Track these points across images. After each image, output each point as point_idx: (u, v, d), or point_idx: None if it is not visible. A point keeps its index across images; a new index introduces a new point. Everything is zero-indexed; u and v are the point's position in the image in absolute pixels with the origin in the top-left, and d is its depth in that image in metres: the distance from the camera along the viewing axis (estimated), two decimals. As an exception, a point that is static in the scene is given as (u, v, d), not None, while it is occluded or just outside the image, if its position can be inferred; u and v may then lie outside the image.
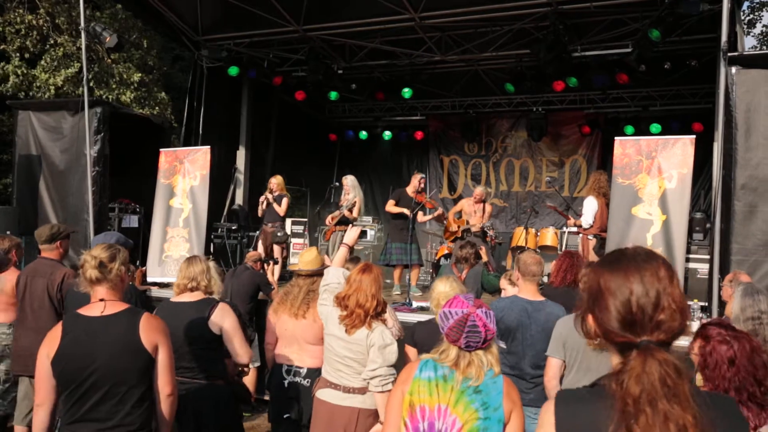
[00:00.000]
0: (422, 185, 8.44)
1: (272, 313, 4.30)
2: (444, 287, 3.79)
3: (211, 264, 4.00)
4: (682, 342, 2.58)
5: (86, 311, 2.72)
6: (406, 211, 8.08)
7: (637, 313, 1.33)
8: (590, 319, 1.44)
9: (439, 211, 8.69)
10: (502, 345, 4.01)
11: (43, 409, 2.69)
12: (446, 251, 9.21)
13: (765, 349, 3.24)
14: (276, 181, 8.80)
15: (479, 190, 9.10)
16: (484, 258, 6.40)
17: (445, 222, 9.43)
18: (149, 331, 2.68)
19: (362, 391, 3.38)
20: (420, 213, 8.20)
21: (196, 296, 3.83)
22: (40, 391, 2.69)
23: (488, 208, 8.87)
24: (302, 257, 4.58)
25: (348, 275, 3.56)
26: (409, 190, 8.43)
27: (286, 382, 4.02)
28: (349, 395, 3.41)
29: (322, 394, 3.52)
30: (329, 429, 3.44)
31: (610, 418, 1.29)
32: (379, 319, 3.40)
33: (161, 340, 2.71)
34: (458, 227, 8.86)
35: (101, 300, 2.73)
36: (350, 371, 3.42)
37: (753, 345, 2.44)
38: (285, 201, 8.75)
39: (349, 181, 8.70)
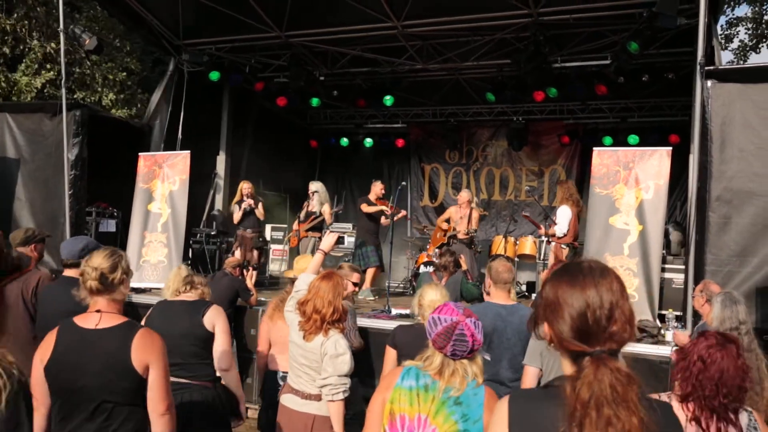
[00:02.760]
0: (383, 192, 8.91)
1: (267, 319, 4.33)
2: (435, 295, 3.82)
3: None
4: (663, 351, 2.62)
5: (81, 321, 2.61)
6: (384, 207, 8.55)
7: (592, 325, 1.41)
8: (546, 326, 1.51)
9: (402, 213, 8.93)
10: (487, 357, 4.02)
11: (39, 412, 2.59)
12: (426, 259, 9.23)
13: (746, 359, 3.29)
14: (250, 186, 8.85)
15: (463, 193, 9.18)
16: (464, 266, 6.42)
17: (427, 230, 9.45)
18: (142, 351, 2.52)
19: (318, 398, 3.40)
20: (382, 217, 8.69)
21: (192, 296, 3.91)
22: (36, 395, 2.56)
23: (475, 214, 8.95)
24: (297, 263, 4.61)
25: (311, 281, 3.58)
26: (372, 197, 8.78)
27: (280, 388, 4.00)
28: (306, 401, 3.43)
29: (285, 399, 3.56)
30: None
31: (561, 419, 1.38)
32: (336, 327, 3.40)
33: (154, 359, 2.54)
34: (444, 233, 8.95)
35: (98, 311, 2.60)
36: (308, 378, 3.44)
37: (737, 364, 2.42)
38: (261, 205, 8.99)
39: (318, 187, 9.03)
